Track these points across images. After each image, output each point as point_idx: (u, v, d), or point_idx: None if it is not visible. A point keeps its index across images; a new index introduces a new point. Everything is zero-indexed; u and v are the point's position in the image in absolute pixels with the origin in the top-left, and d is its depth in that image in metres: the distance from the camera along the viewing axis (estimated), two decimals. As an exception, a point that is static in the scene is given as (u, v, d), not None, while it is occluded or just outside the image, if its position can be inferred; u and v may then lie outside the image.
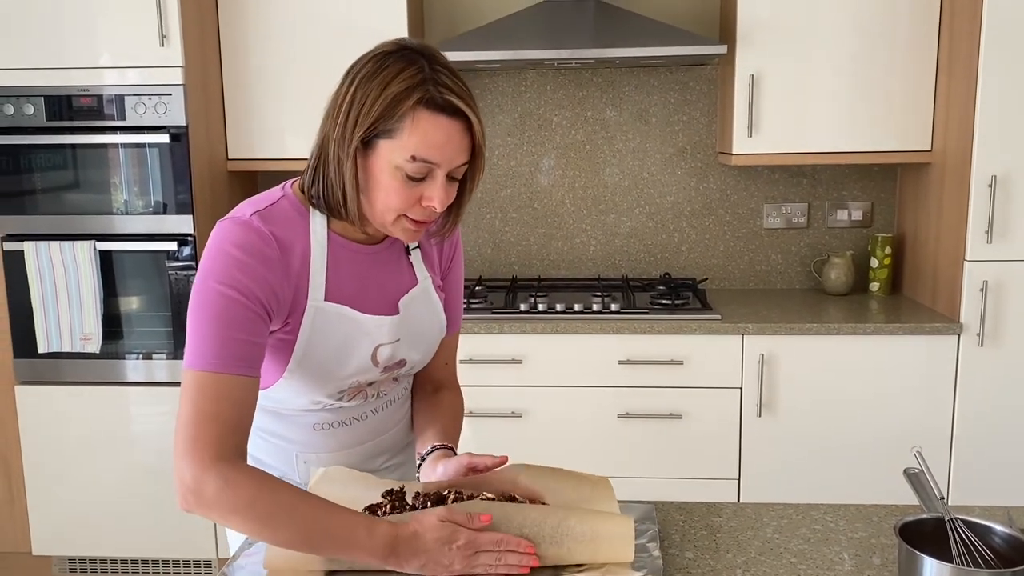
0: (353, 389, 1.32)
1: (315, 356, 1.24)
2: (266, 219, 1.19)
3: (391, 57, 1.15)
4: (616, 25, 2.77)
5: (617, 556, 1.12)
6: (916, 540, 1.09)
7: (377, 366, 1.30)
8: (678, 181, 3.19)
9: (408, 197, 1.16)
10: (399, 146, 1.13)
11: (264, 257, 1.16)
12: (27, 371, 2.84)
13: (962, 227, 2.59)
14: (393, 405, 1.42)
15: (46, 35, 2.67)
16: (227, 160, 2.94)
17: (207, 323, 1.12)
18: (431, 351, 1.40)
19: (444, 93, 1.13)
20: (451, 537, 1.09)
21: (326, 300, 1.23)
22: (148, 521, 2.87)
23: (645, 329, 2.66)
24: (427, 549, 1.08)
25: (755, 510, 1.37)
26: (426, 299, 1.36)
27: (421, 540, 1.08)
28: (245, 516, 1.07)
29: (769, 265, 3.22)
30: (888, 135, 2.78)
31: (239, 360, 1.12)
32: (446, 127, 1.14)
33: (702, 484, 2.72)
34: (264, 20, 2.85)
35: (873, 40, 2.73)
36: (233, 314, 1.13)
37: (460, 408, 1.48)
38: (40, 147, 2.73)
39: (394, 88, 1.12)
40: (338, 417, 1.35)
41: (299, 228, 1.22)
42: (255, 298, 1.14)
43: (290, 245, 1.20)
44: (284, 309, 1.20)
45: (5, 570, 3.04)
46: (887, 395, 2.65)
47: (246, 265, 1.14)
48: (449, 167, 1.17)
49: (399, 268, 1.33)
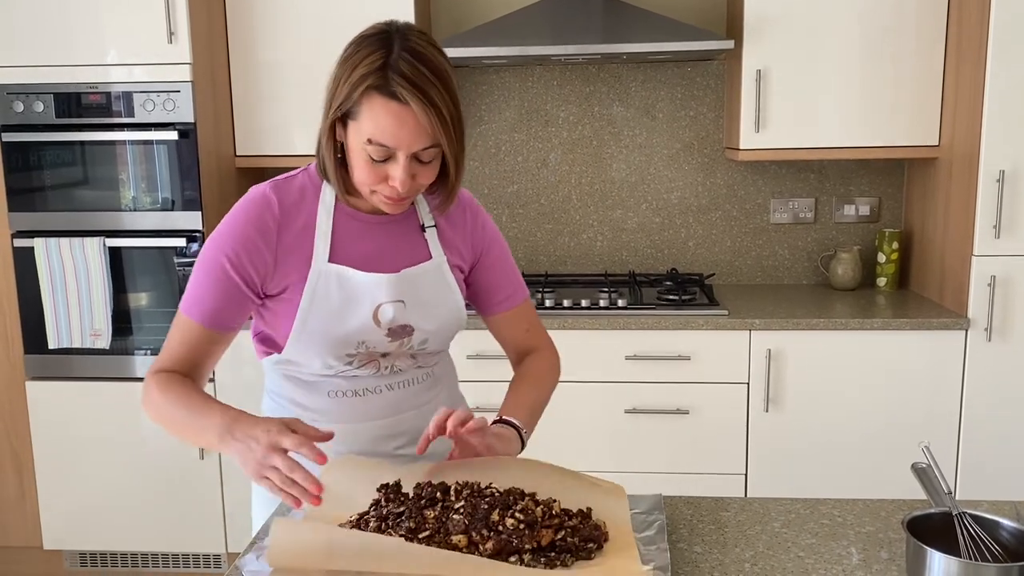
0: (364, 355, 1.35)
1: (318, 315, 1.31)
2: (279, 189, 1.33)
3: (367, 40, 1.21)
4: (623, 20, 2.77)
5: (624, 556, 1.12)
6: (924, 535, 1.09)
7: (380, 327, 1.33)
8: (685, 176, 3.19)
9: (375, 175, 1.23)
10: (358, 129, 1.21)
11: (263, 224, 1.29)
12: (37, 367, 2.86)
13: (970, 222, 2.58)
14: (412, 387, 1.42)
15: (55, 33, 2.68)
16: (235, 156, 2.95)
17: (198, 275, 1.31)
18: (447, 330, 1.42)
19: (395, 81, 1.16)
20: (271, 431, 1.14)
21: (330, 262, 1.31)
22: (158, 515, 2.89)
23: (652, 324, 2.66)
24: (254, 431, 1.15)
25: (763, 505, 1.37)
26: (438, 276, 1.38)
27: (259, 422, 1.17)
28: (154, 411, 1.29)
29: (776, 260, 3.21)
30: (895, 130, 2.77)
31: (205, 313, 1.29)
32: (397, 113, 1.17)
33: (709, 479, 2.72)
34: (271, 17, 2.86)
35: (880, 35, 2.73)
36: (215, 277, 1.29)
37: (545, 366, 1.50)
38: (49, 144, 2.74)
39: (357, 73, 1.18)
40: (351, 386, 1.38)
41: (309, 199, 1.33)
42: (242, 269, 1.29)
43: (295, 212, 1.32)
44: (280, 271, 1.31)
45: (17, 564, 3.07)
46: (894, 390, 2.65)
47: (245, 236, 1.29)
48: (408, 151, 1.21)
49: (410, 241, 1.37)
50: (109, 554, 2.98)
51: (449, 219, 1.41)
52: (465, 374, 2.62)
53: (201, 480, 2.86)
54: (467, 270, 1.45)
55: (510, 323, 1.50)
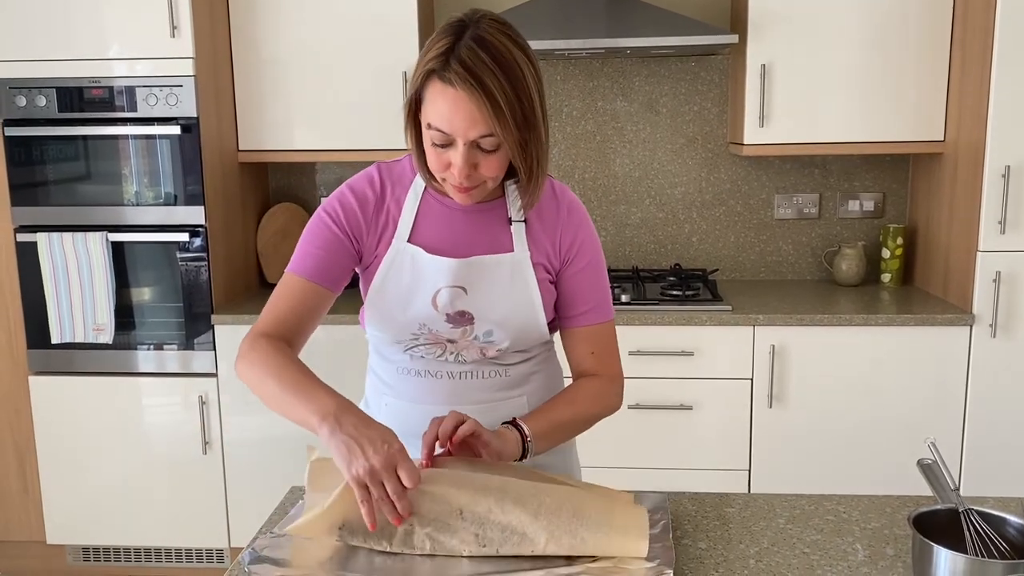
0: (429, 336, 1.36)
1: (387, 291, 1.36)
2: (383, 170, 1.39)
3: (446, 28, 1.23)
4: (627, 14, 2.76)
5: (630, 549, 1.12)
6: (930, 531, 1.09)
7: (437, 311, 1.33)
8: (688, 172, 3.18)
9: (439, 162, 1.25)
10: (424, 113, 1.23)
11: (364, 197, 1.37)
12: (40, 361, 2.86)
13: (975, 217, 2.57)
14: (476, 380, 1.40)
15: (58, 27, 2.67)
16: (237, 151, 2.94)
17: (305, 238, 1.37)
18: (517, 327, 1.37)
19: (452, 66, 1.17)
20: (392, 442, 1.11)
21: (408, 241, 1.35)
22: (161, 510, 2.89)
23: (656, 320, 2.65)
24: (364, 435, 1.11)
25: (767, 501, 1.37)
26: (516, 270, 1.35)
27: (364, 426, 1.13)
28: (248, 373, 1.27)
29: (780, 256, 3.21)
30: (900, 125, 2.76)
31: (310, 266, 1.34)
32: (452, 98, 1.18)
33: (712, 475, 2.72)
34: (274, 11, 2.85)
35: (885, 29, 2.71)
36: (321, 233, 1.35)
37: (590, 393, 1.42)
38: (52, 139, 2.74)
39: (425, 58, 1.21)
40: (416, 366, 1.40)
41: (406, 182, 1.38)
42: (342, 225, 1.35)
43: (392, 192, 1.38)
44: (371, 242, 1.37)
45: (20, 558, 3.07)
46: (899, 386, 2.64)
47: (347, 201, 1.36)
48: (465, 138, 1.20)
49: (493, 231, 1.37)
50: (112, 548, 2.99)
51: (541, 216, 1.37)
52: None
53: (204, 475, 2.86)
54: (555, 272, 1.39)
55: (579, 340, 1.43)
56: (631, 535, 1.13)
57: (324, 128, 2.87)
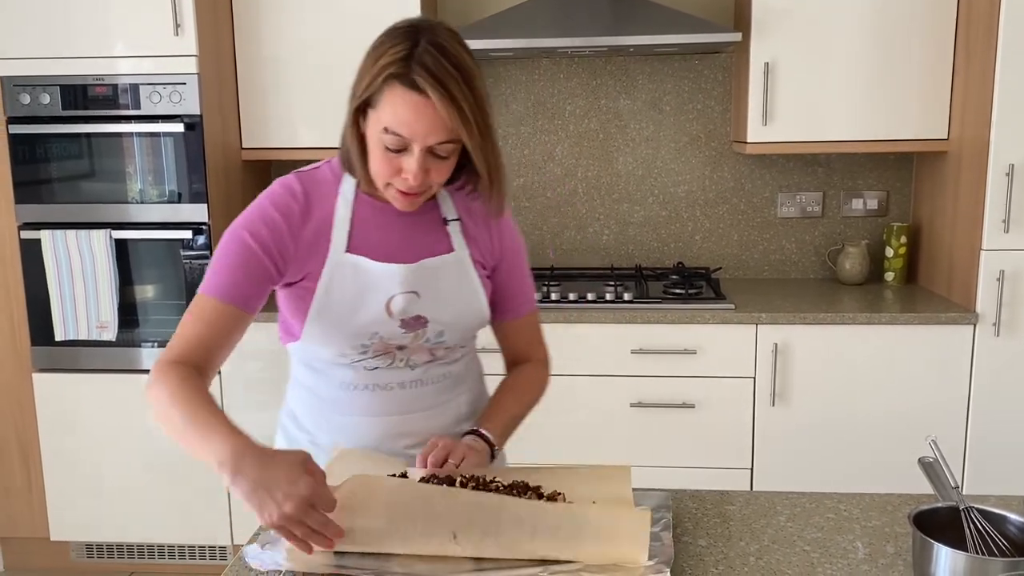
0: (378, 346, 1.34)
1: (333, 304, 1.31)
2: (303, 179, 1.34)
3: (395, 32, 1.22)
4: (630, 13, 2.75)
5: (630, 555, 1.11)
6: (931, 529, 1.09)
7: (392, 317, 1.32)
8: (692, 170, 3.17)
9: (389, 167, 1.24)
10: (378, 117, 1.21)
11: (288, 211, 1.30)
12: (44, 359, 2.86)
13: (979, 216, 2.57)
14: (428, 387, 1.41)
15: (62, 25, 2.68)
16: (241, 149, 2.95)
17: (220, 256, 1.30)
18: (466, 325, 1.40)
19: (416, 71, 1.17)
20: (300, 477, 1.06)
21: (347, 252, 1.32)
22: (164, 507, 2.90)
23: (658, 318, 2.65)
24: (270, 476, 1.05)
25: (768, 498, 1.37)
26: (459, 269, 1.38)
27: (269, 467, 1.06)
28: (154, 408, 1.23)
29: (783, 254, 3.20)
30: (904, 123, 2.75)
31: (228, 290, 1.27)
32: (415, 104, 1.18)
33: (714, 473, 2.71)
34: (277, 9, 2.85)
35: (889, 27, 2.71)
36: (239, 252, 1.28)
37: (533, 378, 1.49)
38: (56, 136, 2.74)
39: (382, 62, 1.19)
40: (365, 380, 1.37)
41: (331, 189, 1.34)
42: (266, 246, 1.28)
43: (318, 202, 1.32)
44: (299, 260, 1.31)
45: (24, 555, 3.08)
46: (902, 385, 2.64)
47: (270, 218, 1.29)
48: (423, 143, 1.21)
49: (432, 232, 1.37)
50: (115, 545, 2.99)
51: (472, 215, 1.40)
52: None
53: (206, 472, 2.85)
54: (490, 267, 1.43)
55: (514, 333, 1.49)
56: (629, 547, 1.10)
57: (327, 126, 2.86)
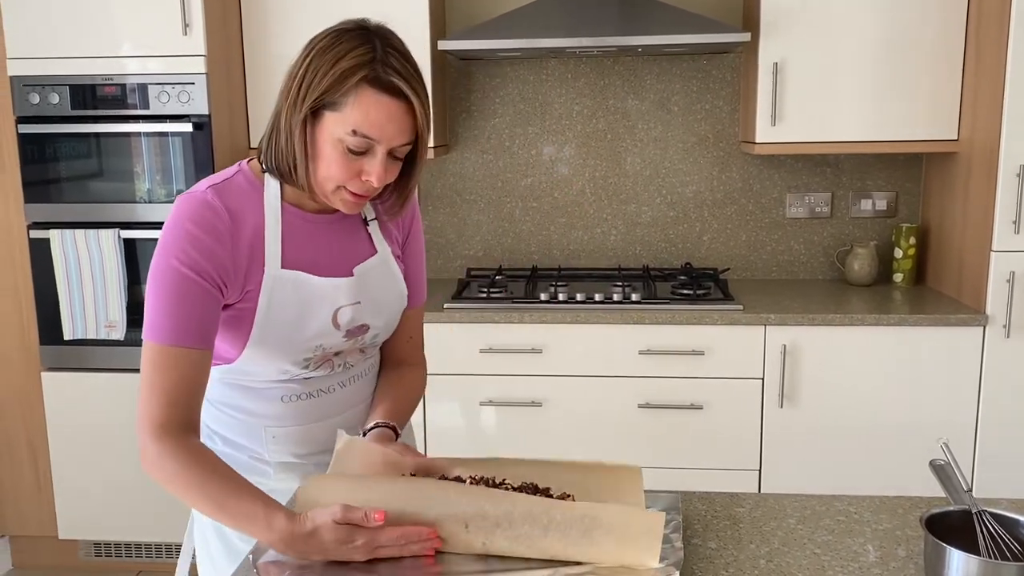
0: (319, 357, 1.34)
1: (276, 322, 1.28)
2: (221, 193, 1.25)
3: (348, 34, 1.22)
4: (638, 12, 2.75)
5: (639, 561, 1.10)
6: (943, 532, 1.08)
7: (339, 329, 1.32)
8: (700, 170, 3.17)
9: (348, 169, 1.21)
10: (342, 119, 1.18)
11: (216, 231, 1.21)
12: (53, 358, 2.87)
13: (989, 217, 2.55)
14: (361, 380, 1.43)
15: (71, 25, 2.68)
16: (249, 149, 2.95)
17: (161, 297, 1.20)
18: (394, 321, 1.42)
19: (389, 74, 1.17)
20: (348, 538, 1.10)
21: (283, 267, 1.27)
22: (172, 506, 2.89)
23: (666, 319, 2.65)
24: (325, 548, 1.10)
25: (778, 501, 1.36)
26: (385, 269, 1.39)
27: (318, 539, 1.10)
28: (172, 487, 1.20)
29: (792, 255, 3.19)
30: (914, 124, 2.74)
31: (188, 334, 1.20)
32: (387, 106, 1.18)
33: (722, 475, 2.71)
34: (285, 9, 2.85)
35: (899, 27, 2.70)
36: (185, 289, 1.19)
37: (418, 385, 1.49)
38: (65, 136, 2.75)
39: (344, 64, 1.18)
40: (305, 389, 1.37)
41: (253, 200, 1.27)
42: (206, 273, 1.20)
43: (243, 217, 1.25)
44: (238, 280, 1.24)
45: (32, 553, 3.09)
46: (911, 387, 2.63)
47: (199, 240, 1.20)
48: (389, 145, 1.20)
49: (356, 237, 1.36)
50: (124, 544, 3.00)
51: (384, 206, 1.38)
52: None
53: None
54: (401, 255, 1.44)
55: (402, 322, 1.45)
56: (641, 549, 1.10)
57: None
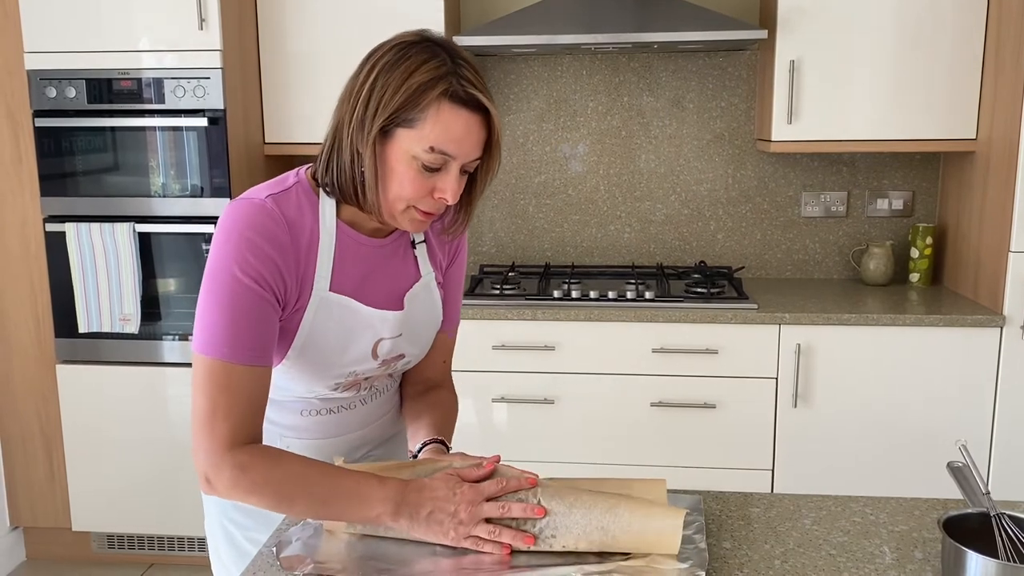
0: (349, 383, 1.33)
1: (316, 345, 1.25)
2: (280, 202, 1.20)
3: (414, 47, 1.15)
4: (655, 9, 2.73)
5: (663, 548, 1.11)
6: (961, 535, 1.07)
7: (376, 359, 1.31)
8: (714, 168, 3.15)
9: (421, 187, 1.17)
10: (419, 136, 1.13)
11: (277, 242, 1.16)
12: (68, 350, 2.89)
13: (1007, 217, 2.53)
14: (381, 397, 1.42)
15: (87, 19, 2.70)
16: (264, 144, 2.96)
17: (220, 309, 1.14)
18: (427, 346, 1.40)
19: (467, 87, 1.13)
20: (457, 485, 1.14)
21: (330, 290, 1.23)
22: (186, 499, 2.92)
23: (680, 317, 2.64)
24: (434, 496, 1.13)
25: (793, 501, 1.35)
26: (427, 294, 1.36)
27: (428, 489, 1.14)
28: (262, 495, 1.14)
29: (807, 254, 3.17)
30: (931, 123, 2.72)
31: (251, 350, 1.14)
32: (467, 120, 1.14)
33: (735, 474, 2.70)
34: (301, 5, 2.85)
35: (917, 24, 2.67)
36: (246, 302, 1.14)
37: (454, 406, 1.46)
38: (81, 130, 2.76)
39: (418, 78, 1.12)
40: (327, 405, 1.35)
41: (309, 215, 1.22)
42: (267, 285, 1.15)
43: (300, 231, 1.20)
44: (292, 296, 1.20)
45: (46, 545, 3.11)
46: (927, 388, 2.61)
47: (260, 250, 1.14)
48: (465, 160, 1.17)
49: (404, 262, 1.33)
50: (137, 536, 3.02)
51: (432, 231, 1.36)
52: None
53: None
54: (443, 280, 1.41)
55: (435, 349, 1.43)
56: (665, 534, 1.11)
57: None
